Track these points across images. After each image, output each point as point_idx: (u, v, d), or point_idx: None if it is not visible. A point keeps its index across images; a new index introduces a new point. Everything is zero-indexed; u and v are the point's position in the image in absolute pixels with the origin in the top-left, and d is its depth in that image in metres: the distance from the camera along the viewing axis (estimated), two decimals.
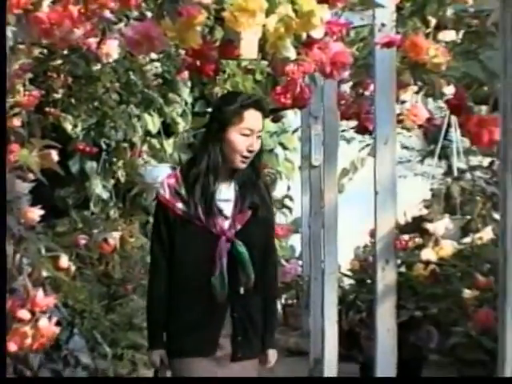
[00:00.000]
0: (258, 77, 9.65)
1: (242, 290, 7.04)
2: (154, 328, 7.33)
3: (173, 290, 7.16)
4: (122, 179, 11.66)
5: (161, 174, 12.16)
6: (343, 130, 15.46)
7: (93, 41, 8.31)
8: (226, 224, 7.08)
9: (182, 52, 7.25)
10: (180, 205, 7.11)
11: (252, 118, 7.14)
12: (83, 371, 9.17)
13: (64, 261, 9.99)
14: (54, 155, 8.89)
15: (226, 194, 7.18)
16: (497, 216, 4.69)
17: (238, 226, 7.07)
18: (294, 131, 17.77)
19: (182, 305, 7.12)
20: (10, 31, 7.74)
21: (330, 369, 12.88)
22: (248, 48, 7.06)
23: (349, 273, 16.22)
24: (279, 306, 8.94)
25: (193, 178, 7.16)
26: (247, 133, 7.06)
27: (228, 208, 7.16)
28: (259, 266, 7.27)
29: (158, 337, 7.24)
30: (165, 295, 7.17)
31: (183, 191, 7.14)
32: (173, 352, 7.14)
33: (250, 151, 7.06)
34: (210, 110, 13.60)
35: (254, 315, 7.28)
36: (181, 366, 7.12)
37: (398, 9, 8.53)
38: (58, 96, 10.87)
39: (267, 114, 7.18)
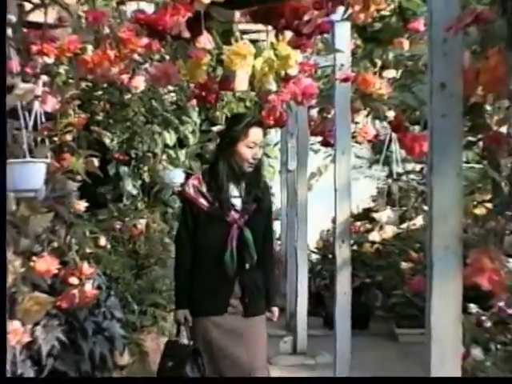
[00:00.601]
0: (248, 104, 9.69)
1: (247, 266, 7.15)
2: (179, 293, 7.41)
3: (194, 264, 7.25)
4: (147, 180, 11.68)
5: (176, 177, 12.25)
6: (312, 144, 15.50)
7: (125, 77, 8.38)
8: (237, 215, 7.20)
9: (192, 85, 7.28)
10: (202, 200, 7.24)
11: (255, 133, 7.24)
12: (117, 323, 9.19)
13: (103, 241, 10.15)
14: (96, 162, 9.12)
15: (236, 191, 7.30)
16: (425, 208, 4.75)
17: (246, 217, 7.21)
18: (275, 144, 17.91)
19: (201, 276, 7.21)
20: (62, 69, 7.81)
21: (302, 321, 12.99)
22: (240, 82, 7.24)
23: (316, 250, 16.41)
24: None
25: (212, 181, 7.30)
26: (252, 145, 7.19)
27: (238, 202, 7.24)
28: (261, 246, 7.35)
29: (183, 300, 7.32)
30: (188, 268, 7.27)
31: (204, 190, 7.27)
32: (194, 312, 7.21)
33: (255, 159, 7.19)
34: (215, 128, 13.73)
35: (258, 283, 7.36)
36: (200, 322, 7.18)
37: (353, 53, 8.65)
38: (99, 118, 10.90)
39: (266, 129, 7.15)
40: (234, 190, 7.27)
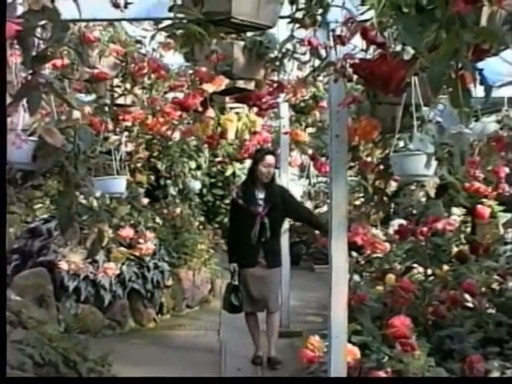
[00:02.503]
0: (235, 146, 9.67)
1: (264, 239, 6.84)
2: (230, 253, 7.16)
3: (237, 238, 7.00)
4: (181, 187, 11.67)
5: (196, 186, 12.32)
6: None
7: (168, 132, 8.18)
8: (260, 209, 6.87)
9: (204, 136, 7.20)
10: (240, 201, 6.98)
11: (269, 158, 6.89)
12: (165, 263, 9.22)
13: (157, 219, 10.00)
14: (152, 177, 8.84)
15: (261, 195, 6.94)
16: (328, 201, 4.72)
17: (266, 210, 6.85)
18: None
19: (241, 244, 6.94)
20: (135, 129, 7.67)
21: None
22: (230, 134, 7.14)
23: None
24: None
25: (245, 188, 7.09)
26: (266, 166, 6.88)
27: (262, 202, 6.89)
28: (279, 227, 7.18)
29: (233, 257, 7.06)
30: (235, 240, 7.07)
31: (241, 194, 7.03)
32: (239, 265, 6.95)
33: (269, 174, 6.90)
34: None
35: (276, 249, 7.10)
36: (241, 271, 6.93)
37: (290, 119, 8.45)
38: (155, 154, 10.92)
39: (276, 155, 7.28)
40: (259, 194, 6.93)
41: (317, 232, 12.23)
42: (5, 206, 2.94)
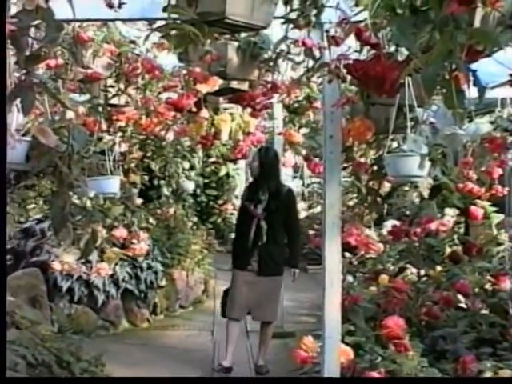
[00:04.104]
0: (228, 147, 9.65)
1: (260, 243, 6.53)
2: (232, 254, 6.96)
3: (236, 237, 6.96)
4: (174, 187, 11.67)
5: (189, 186, 12.34)
6: None
7: (162, 132, 8.20)
8: (260, 211, 6.59)
9: (198, 136, 7.16)
10: (246, 202, 6.79)
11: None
12: (158, 263, 9.23)
13: (151, 220, 9.97)
14: (146, 178, 8.84)
15: (263, 196, 6.62)
16: (322, 201, 4.73)
17: (265, 213, 6.55)
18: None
19: (237, 244, 6.83)
20: (129, 129, 7.64)
21: None
22: (224, 135, 7.11)
23: None
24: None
25: (249, 187, 7.05)
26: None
27: (263, 204, 6.59)
28: (278, 231, 6.65)
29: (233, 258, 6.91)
30: (235, 239, 7.03)
31: (246, 193, 6.97)
32: (233, 266, 6.76)
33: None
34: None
35: (273, 254, 6.59)
36: (234, 272, 6.71)
37: (284, 119, 8.47)
38: (148, 154, 10.92)
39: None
40: (262, 195, 6.62)
41: (310, 232, 12.22)
42: (5, 205, 2.94)
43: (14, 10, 2.70)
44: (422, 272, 6.34)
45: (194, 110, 6.22)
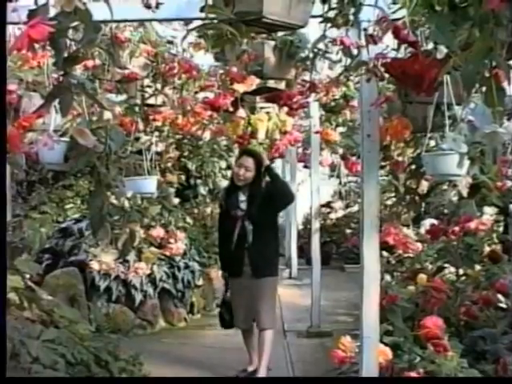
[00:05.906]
0: (265, 146, 9.60)
1: (246, 246, 6.21)
2: (220, 260, 6.80)
3: (222, 243, 6.58)
4: (211, 186, 11.66)
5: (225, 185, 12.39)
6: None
7: (199, 131, 8.19)
8: (241, 213, 6.26)
9: (235, 136, 7.14)
10: (223, 203, 6.56)
11: (242, 159, 6.25)
12: (196, 263, 9.23)
13: (188, 219, 10.01)
14: (183, 177, 8.85)
15: (243, 197, 6.24)
16: (359, 200, 4.66)
17: (247, 214, 6.21)
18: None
19: (225, 251, 6.44)
20: (165, 129, 7.67)
21: (294, 261, 13.01)
22: (261, 134, 7.09)
23: (301, 223, 15.90)
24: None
25: (227, 190, 6.62)
26: (239, 165, 6.24)
27: (243, 205, 6.23)
28: (264, 231, 6.30)
29: (222, 265, 6.71)
30: (220, 245, 6.69)
31: (225, 197, 6.56)
32: (228, 274, 6.44)
33: (243, 175, 6.19)
34: None
35: (265, 255, 6.26)
36: (231, 281, 6.41)
37: (320, 118, 8.44)
38: (185, 154, 10.91)
39: (258, 157, 6.33)
40: (241, 196, 6.27)
41: (348, 231, 12.17)
42: (5, 205, 2.99)
43: (52, 12, 2.72)
44: (461, 271, 6.27)
45: (231, 109, 6.23)
